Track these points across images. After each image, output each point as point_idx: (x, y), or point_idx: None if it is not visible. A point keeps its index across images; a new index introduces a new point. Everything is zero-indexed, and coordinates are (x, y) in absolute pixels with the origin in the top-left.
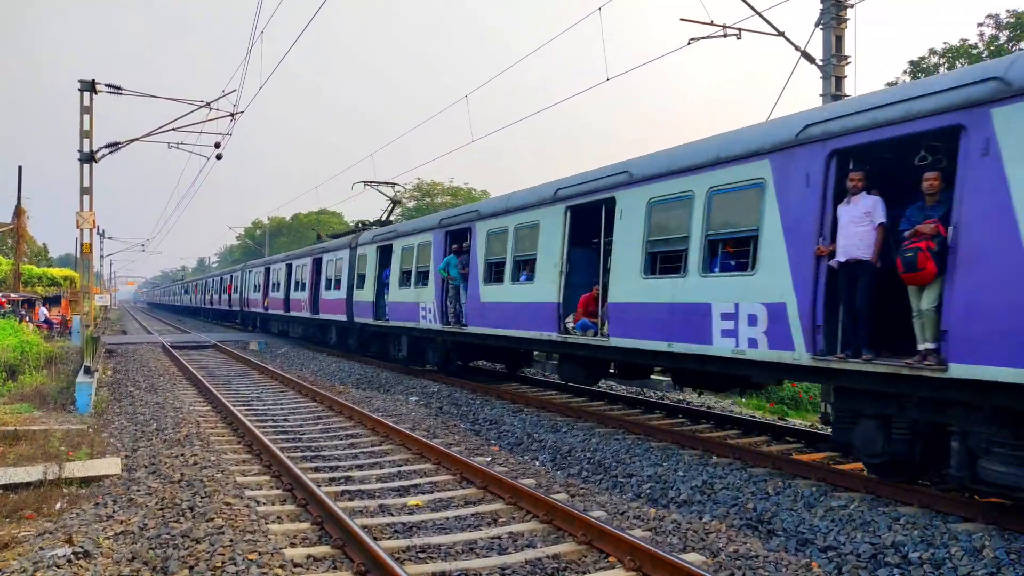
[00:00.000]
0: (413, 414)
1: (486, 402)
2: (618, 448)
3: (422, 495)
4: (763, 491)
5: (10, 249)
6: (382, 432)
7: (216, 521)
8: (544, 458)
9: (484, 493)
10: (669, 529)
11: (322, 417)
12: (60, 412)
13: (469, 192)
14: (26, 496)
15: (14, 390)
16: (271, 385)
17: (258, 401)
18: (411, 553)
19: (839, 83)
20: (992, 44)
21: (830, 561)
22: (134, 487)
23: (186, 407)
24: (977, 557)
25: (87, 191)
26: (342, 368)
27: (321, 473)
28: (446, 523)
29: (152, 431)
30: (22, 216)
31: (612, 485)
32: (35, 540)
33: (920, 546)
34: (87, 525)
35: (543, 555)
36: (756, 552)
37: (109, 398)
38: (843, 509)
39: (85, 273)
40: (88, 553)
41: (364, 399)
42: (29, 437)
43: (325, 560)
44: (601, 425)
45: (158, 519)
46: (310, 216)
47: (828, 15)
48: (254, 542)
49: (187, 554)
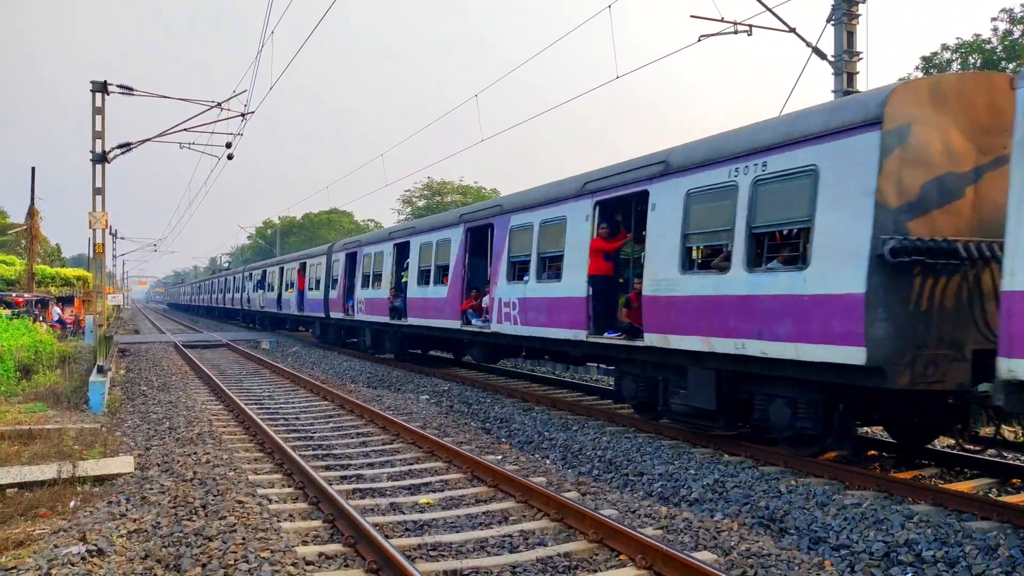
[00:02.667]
0: (424, 412)
1: (496, 400)
2: (629, 446)
3: (433, 493)
4: (775, 489)
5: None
6: (393, 430)
7: (228, 519)
8: (555, 456)
9: (495, 491)
10: (680, 527)
11: (333, 415)
12: (74, 411)
13: (479, 191)
14: (40, 494)
15: (28, 389)
16: (282, 384)
17: (270, 400)
18: (422, 551)
19: (851, 79)
20: (1006, 39)
21: (843, 559)
22: (147, 485)
23: (198, 406)
24: (992, 556)
25: (99, 191)
26: (353, 367)
27: (332, 471)
28: (457, 521)
29: (165, 430)
30: (35, 217)
31: (623, 483)
32: (50, 538)
33: (934, 544)
34: (101, 523)
35: (554, 553)
36: (768, 550)
37: (122, 397)
38: (856, 507)
39: (98, 273)
40: (102, 551)
41: (375, 397)
42: (43, 436)
43: (337, 558)
44: (611, 423)
45: (171, 517)
46: (321, 215)
47: (840, 11)
48: (266, 540)
49: (200, 552)
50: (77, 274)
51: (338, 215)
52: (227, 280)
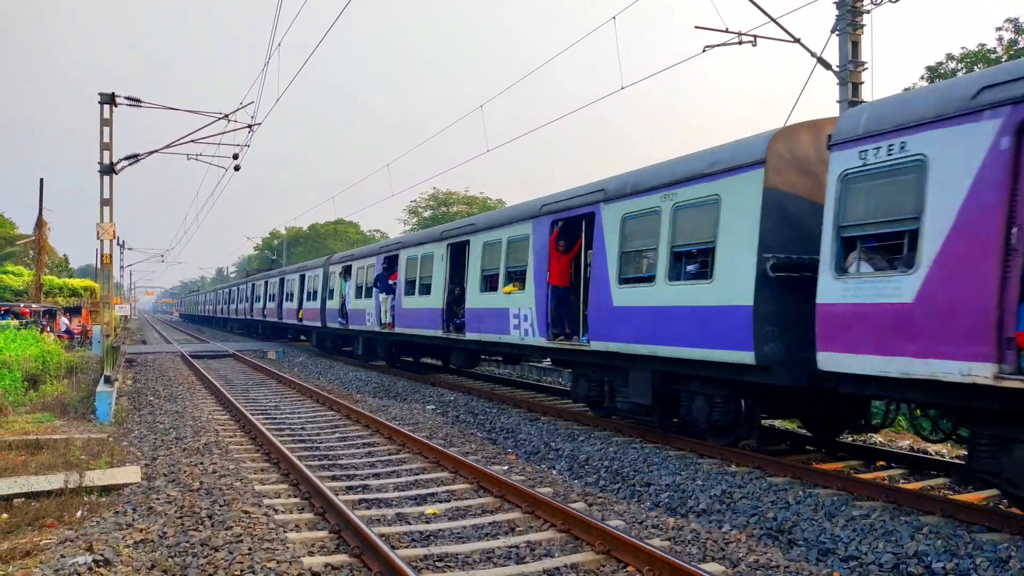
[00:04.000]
0: (430, 423)
1: (503, 411)
2: (635, 457)
3: (439, 504)
4: (783, 500)
5: (32, 260)
6: (399, 441)
7: (235, 529)
8: (561, 467)
9: (501, 502)
10: (688, 539)
11: (339, 426)
12: (81, 421)
13: (484, 201)
14: (47, 504)
15: (36, 399)
16: (288, 394)
17: (276, 410)
18: (428, 562)
19: (856, 89)
20: (1011, 48)
21: (852, 571)
22: (153, 495)
23: (205, 416)
24: (1003, 568)
25: (107, 202)
26: (359, 377)
27: (338, 482)
28: (463, 532)
29: (171, 440)
30: (43, 228)
31: (630, 494)
32: (56, 548)
33: (943, 556)
34: (107, 533)
35: (561, 564)
36: (777, 562)
37: (129, 407)
38: (865, 518)
39: (105, 284)
40: (108, 561)
41: (381, 408)
42: (50, 446)
43: (343, 569)
44: (618, 434)
45: (177, 527)
46: (327, 226)
47: (844, 21)
48: (272, 550)
49: (206, 562)
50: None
51: (344, 225)
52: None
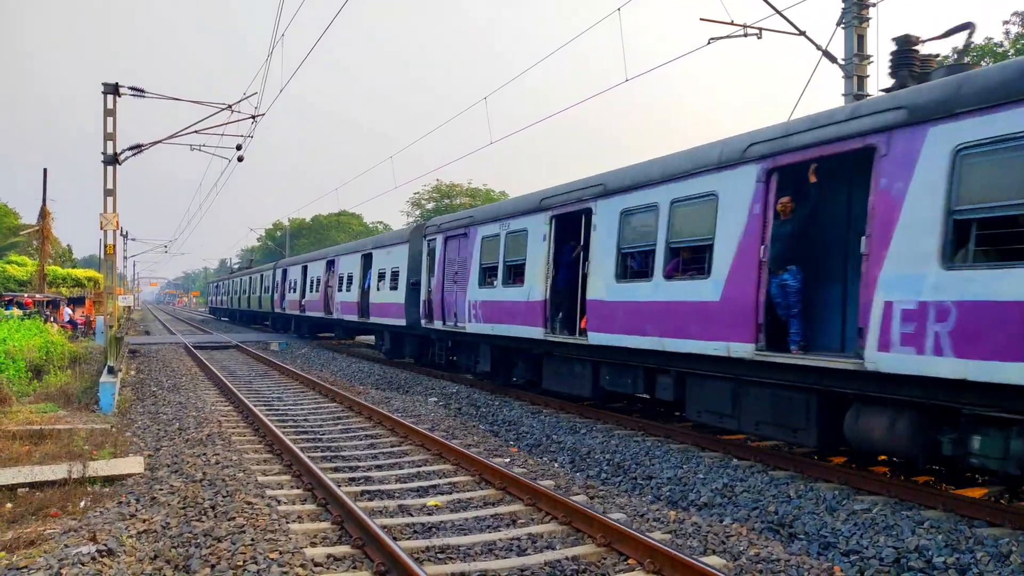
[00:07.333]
0: (432, 415)
1: (505, 403)
2: (637, 450)
3: (441, 496)
4: (785, 494)
5: (35, 250)
6: (401, 433)
7: (237, 520)
8: (563, 460)
9: (503, 494)
10: (689, 532)
11: (342, 417)
12: (84, 411)
13: (488, 193)
14: (51, 494)
15: (39, 390)
16: (292, 386)
17: (279, 401)
18: (430, 553)
19: (861, 82)
20: (1019, 42)
21: (853, 565)
22: (157, 486)
23: (208, 407)
24: (1004, 563)
25: (111, 193)
26: (362, 369)
27: (341, 473)
28: (465, 524)
29: (175, 431)
30: (47, 218)
31: (631, 487)
32: (60, 538)
33: (944, 551)
34: (111, 523)
35: (562, 557)
36: (777, 556)
37: (132, 398)
38: (866, 512)
39: (109, 274)
40: (112, 551)
41: (383, 400)
42: (54, 436)
43: (345, 560)
44: (620, 427)
45: (180, 518)
46: (330, 217)
47: (850, 14)
48: (275, 541)
49: (209, 553)
50: (88, 275)
51: (347, 217)
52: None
